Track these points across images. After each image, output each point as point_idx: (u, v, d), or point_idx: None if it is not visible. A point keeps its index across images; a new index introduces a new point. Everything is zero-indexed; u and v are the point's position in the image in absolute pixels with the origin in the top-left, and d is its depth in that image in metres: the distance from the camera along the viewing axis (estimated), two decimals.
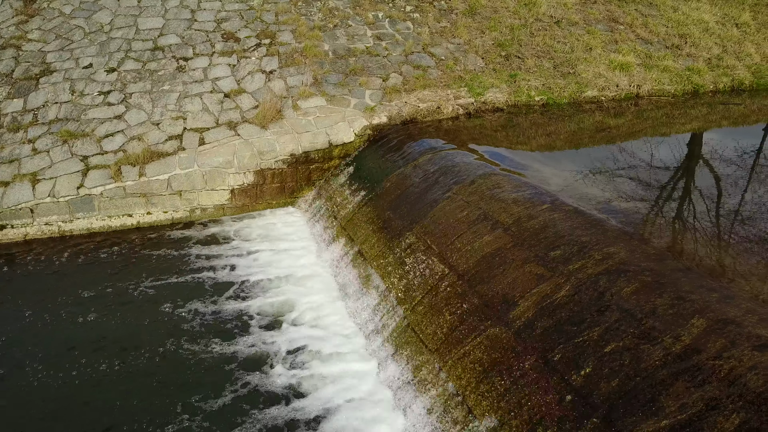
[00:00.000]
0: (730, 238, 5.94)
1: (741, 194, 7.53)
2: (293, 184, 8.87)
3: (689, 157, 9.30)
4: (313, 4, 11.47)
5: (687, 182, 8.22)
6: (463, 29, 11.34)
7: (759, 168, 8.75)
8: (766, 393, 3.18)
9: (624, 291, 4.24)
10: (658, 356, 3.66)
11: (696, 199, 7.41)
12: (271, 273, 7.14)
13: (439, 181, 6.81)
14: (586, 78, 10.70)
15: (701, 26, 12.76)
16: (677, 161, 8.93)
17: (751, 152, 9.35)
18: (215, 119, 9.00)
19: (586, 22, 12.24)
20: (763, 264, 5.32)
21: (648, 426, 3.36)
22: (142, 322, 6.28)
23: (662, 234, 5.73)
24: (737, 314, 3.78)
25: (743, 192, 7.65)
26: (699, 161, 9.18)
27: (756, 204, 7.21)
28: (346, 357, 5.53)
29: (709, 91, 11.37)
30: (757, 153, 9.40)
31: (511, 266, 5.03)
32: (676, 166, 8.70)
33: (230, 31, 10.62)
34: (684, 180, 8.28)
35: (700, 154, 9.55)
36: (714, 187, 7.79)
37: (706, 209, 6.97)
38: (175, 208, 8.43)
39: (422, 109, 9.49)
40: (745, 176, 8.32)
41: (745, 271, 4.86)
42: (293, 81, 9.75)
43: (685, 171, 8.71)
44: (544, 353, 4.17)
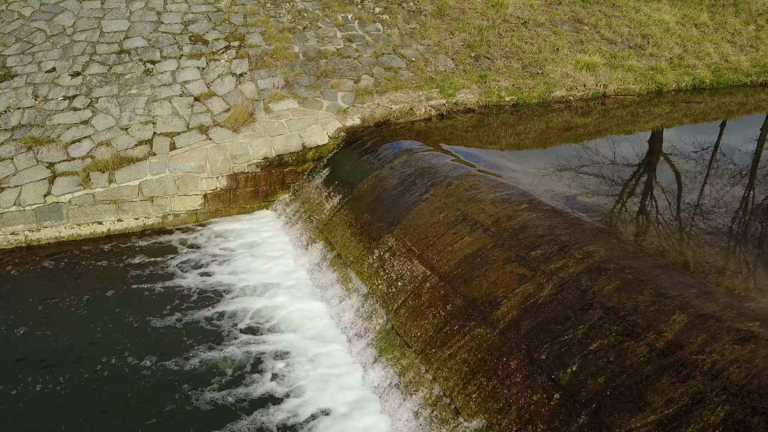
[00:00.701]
0: (704, 235, 6.13)
1: (703, 190, 7.76)
2: (267, 188, 8.79)
3: (650, 154, 9.57)
4: (281, 5, 11.38)
5: (652, 179, 8.44)
6: (433, 30, 11.41)
7: (716, 163, 9.06)
8: (748, 386, 3.29)
9: (606, 289, 4.33)
10: (643, 352, 3.75)
11: (662, 195, 7.61)
12: (248, 279, 7.06)
13: (416, 183, 6.84)
14: (554, 78, 10.87)
15: (662, 26, 13.10)
16: (639, 158, 9.17)
17: (714, 148, 9.66)
18: (186, 123, 8.86)
19: (552, 23, 12.44)
20: (733, 258, 5.51)
21: (636, 422, 3.44)
22: (110, 335, 6.12)
23: (639, 231, 5.87)
24: (716, 309, 3.89)
25: (701, 187, 7.90)
26: (659, 158, 9.44)
27: (719, 199, 7.45)
28: (329, 362, 5.51)
29: (672, 90, 11.68)
30: (714, 149, 9.73)
31: (493, 267, 5.08)
32: (640, 163, 8.94)
33: (198, 33, 10.47)
34: (651, 176, 8.50)
35: (660, 150, 9.83)
36: (677, 183, 8.02)
37: (672, 205, 7.17)
38: (146, 215, 8.26)
39: (395, 110, 9.52)
40: (706, 172, 8.60)
41: (721, 266, 5.01)
42: (264, 83, 9.66)
43: (647, 167, 8.96)
44: (530, 352, 4.22)
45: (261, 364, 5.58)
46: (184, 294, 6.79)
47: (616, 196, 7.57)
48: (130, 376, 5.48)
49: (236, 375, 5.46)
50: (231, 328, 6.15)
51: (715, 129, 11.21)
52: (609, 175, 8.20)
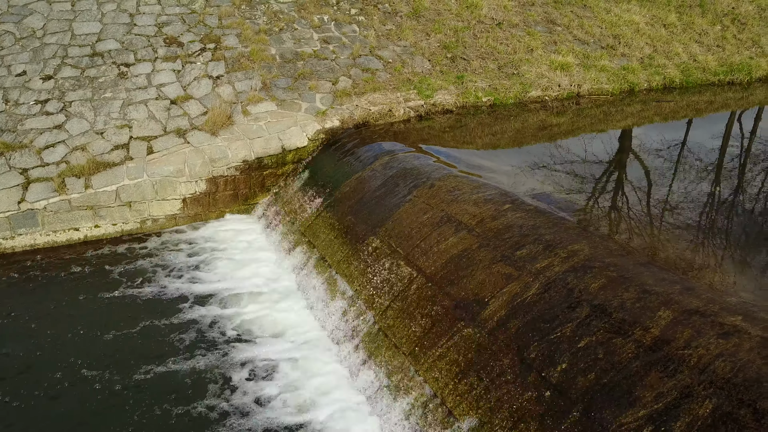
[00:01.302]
0: (676, 230, 6.28)
1: (671, 186, 7.97)
2: (247, 191, 8.73)
3: (620, 152, 9.79)
4: (257, 7, 11.30)
5: (623, 176, 8.62)
6: (409, 32, 11.45)
7: (684, 159, 9.32)
8: (734, 379, 3.39)
9: (591, 287, 4.41)
10: (630, 349, 3.83)
11: (634, 191, 7.80)
12: (230, 284, 7.00)
13: (398, 184, 6.87)
14: (529, 78, 11.01)
15: (632, 27, 13.35)
16: (610, 156, 9.38)
17: (691, 144, 9.91)
18: (163, 127, 8.75)
19: (526, 24, 12.59)
20: (710, 253, 5.66)
21: (627, 417, 3.51)
22: (90, 345, 6.02)
23: (619, 229, 5.99)
24: (699, 304, 3.99)
25: (670, 183, 8.11)
26: (629, 155, 9.67)
27: (686, 195, 7.66)
28: (316, 365, 5.49)
29: (643, 89, 11.92)
30: (682, 145, 9.99)
31: (479, 267, 5.13)
32: (611, 161, 9.14)
33: (172, 35, 10.34)
34: (623, 174, 8.68)
35: (630, 148, 10.07)
36: (647, 180, 8.22)
37: (644, 201, 7.34)
38: (124, 220, 8.13)
39: (374, 112, 9.53)
40: (683, 170, 8.83)
41: (701, 263, 5.15)
42: (242, 86, 9.59)
43: (618, 165, 9.17)
44: (520, 351, 4.28)
45: (243, 370, 5.54)
46: (162, 301, 6.69)
47: (592, 193, 7.74)
48: (85, 390, 5.34)
49: (214, 381, 5.41)
50: (213, 335, 6.08)
51: (685, 126, 11.48)
52: (586, 173, 8.37)
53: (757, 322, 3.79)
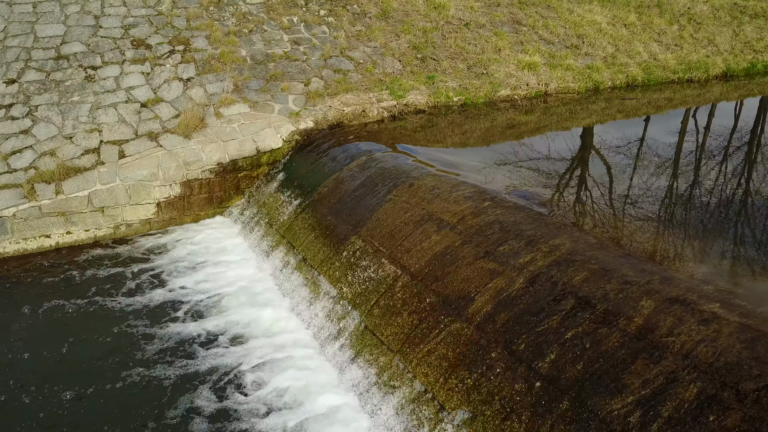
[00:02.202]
0: (647, 223, 6.51)
1: (632, 181, 8.25)
2: (221, 194, 8.67)
3: (583, 149, 10.07)
4: (225, 9, 11.21)
5: (585, 172, 8.87)
6: (379, 33, 11.52)
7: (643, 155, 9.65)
8: (716, 363, 3.54)
9: (575, 280, 4.54)
10: (616, 338, 3.97)
11: (599, 186, 8.04)
12: (211, 288, 6.94)
13: (378, 184, 6.92)
14: (498, 78, 11.20)
15: (595, 27, 13.70)
16: (575, 153, 9.64)
17: (650, 141, 10.24)
18: (134, 130, 8.61)
19: (493, 24, 12.80)
20: (671, 244, 5.88)
21: (616, 403, 3.64)
22: (69, 356, 5.91)
23: (597, 223, 6.17)
24: (679, 293, 4.16)
25: (630, 178, 8.40)
26: (591, 152, 9.96)
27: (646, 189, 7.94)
28: (303, 365, 5.50)
29: (607, 88, 12.25)
30: (640, 141, 10.33)
31: (463, 263, 5.23)
32: (578, 158, 9.41)
33: (140, 37, 10.17)
34: (585, 170, 8.93)
35: (593, 145, 10.36)
36: (608, 175, 8.48)
37: (616, 194, 7.56)
38: (97, 226, 7.98)
39: (347, 113, 9.57)
40: (642, 165, 9.13)
41: (680, 253, 5.34)
42: (213, 88, 9.51)
43: (582, 161, 9.44)
44: (508, 344, 4.38)
45: (230, 375, 5.51)
46: (139, 308, 6.59)
47: (564, 188, 7.94)
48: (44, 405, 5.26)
49: (202, 387, 5.38)
50: (194, 340, 6.02)
51: (651, 122, 11.83)
52: (555, 169, 8.59)
53: (734, 308, 3.97)
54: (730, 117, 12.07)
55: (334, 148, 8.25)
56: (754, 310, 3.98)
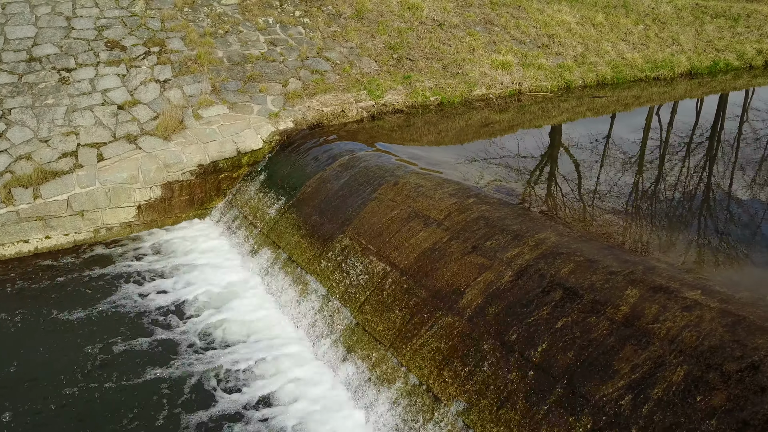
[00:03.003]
0: (640, 218, 6.73)
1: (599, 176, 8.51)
2: (203, 196, 8.64)
3: (552, 147, 10.34)
4: (199, 10, 11.15)
5: (554, 168, 9.11)
6: (354, 33, 11.60)
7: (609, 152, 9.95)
8: (701, 346, 3.72)
9: (562, 271, 4.69)
10: (605, 326, 4.13)
11: (568, 181, 8.27)
12: (196, 290, 6.90)
13: (362, 183, 7.00)
14: (473, 77, 11.38)
15: (564, 27, 14.00)
16: (541, 149, 9.90)
17: (615, 137, 10.54)
18: (112, 133, 8.53)
19: (466, 25, 12.99)
20: (664, 236, 6.11)
21: (607, 388, 3.79)
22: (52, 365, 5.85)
23: (575, 216, 6.35)
24: (662, 282, 4.34)
25: (597, 173, 8.65)
26: (559, 149, 10.24)
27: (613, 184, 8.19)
28: (295, 364, 5.56)
29: (578, 86, 12.54)
30: (606, 138, 10.64)
31: (452, 259, 5.34)
32: (550, 155, 9.67)
33: (114, 39, 10.06)
34: (554, 167, 9.17)
35: (560, 143, 10.64)
36: (576, 172, 8.73)
37: (592, 188, 7.80)
38: (77, 230, 7.89)
39: (327, 113, 9.62)
40: (608, 162, 9.42)
41: (661, 244, 5.55)
42: (191, 90, 9.46)
43: (549, 158, 9.70)
44: (500, 335, 4.51)
45: (219, 375, 5.53)
46: (128, 312, 6.54)
47: (536, 183, 8.15)
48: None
49: (190, 390, 5.39)
50: (183, 342, 6.00)
51: (619, 118, 12.17)
52: (526, 166, 8.80)
53: (714, 294, 4.16)
54: (696, 114, 12.49)
55: (316, 147, 8.30)
56: (733, 295, 4.19)
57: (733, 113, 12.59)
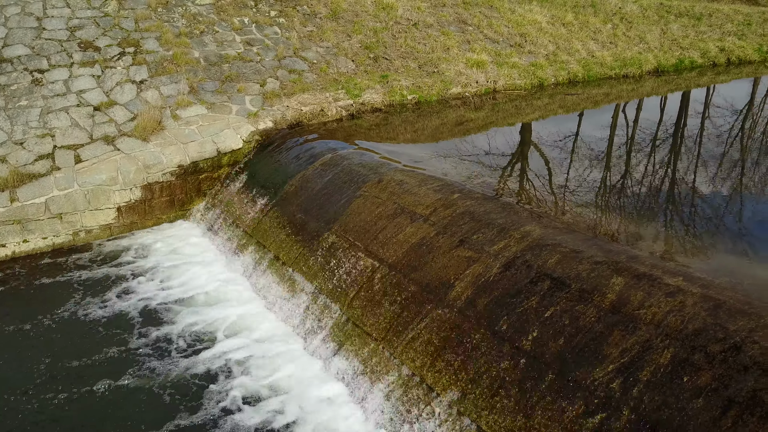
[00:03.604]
0: (619, 208, 6.93)
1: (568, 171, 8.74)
2: (183, 197, 8.59)
3: (522, 144, 10.57)
4: (173, 10, 11.06)
5: (525, 165, 9.32)
6: (330, 33, 11.64)
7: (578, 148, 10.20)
8: (685, 330, 3.89)
9: (549, 262, 4.83)
10: (593, 313, 4.27)
11: (539, 177, 8.47)
12: (182, 291, 6.88)
13: (346, 180, 7.06)
14: (449, 76, 11.52)
15: (536, 26, 14.26)
16: (512, 147, 10.10)
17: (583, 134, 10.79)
18: (89, 135, 8.42)
19: (440, 24, 13.14)
20: (644, 227, 6.31)
21: (598, 372, 3.93)
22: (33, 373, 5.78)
23: (564, 211, 6.52)
24: (645, 270, 4.51)
25: (567, 169, 8.88)
26: (532, 147, 10.47)
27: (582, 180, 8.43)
28: (286, 360, 5.59)
29: (551, 84, 12.80)
30: (576, 135, 10.90)
31: (440, 253, 5.44)
32: (525, 151, 9.87)
33: (87, 39, 9.92)
34: (525, 164, 9.37)
35: (530, 141, 10.88)
36: (547, 168, 8.94)
37: (549, 183, 7.99)
38: (55, 233, 7.77)
39: (306, 112, 9.65)
40: (576, 158, 9.66)
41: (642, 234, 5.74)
42: (168, 90, 9.39)
43: (520, 155, 9.93)
44: (491, 326, 4.62)
45: (217, 376, 5.54)
46: (112, 315, 6.48)
47: (509, 178, 8.32)
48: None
49: (185, 391, 5.39)
50: (170, 346, 5.95)
51: (590, 115, 12.45)
52: (500, 163, 8.97)
53: (695, 280, 4.34)
54: (668, 109, 12.85)
55: (297, 146, 8.33)
56: (712, 281, 4.37)
57: (695, 110, 13.00)
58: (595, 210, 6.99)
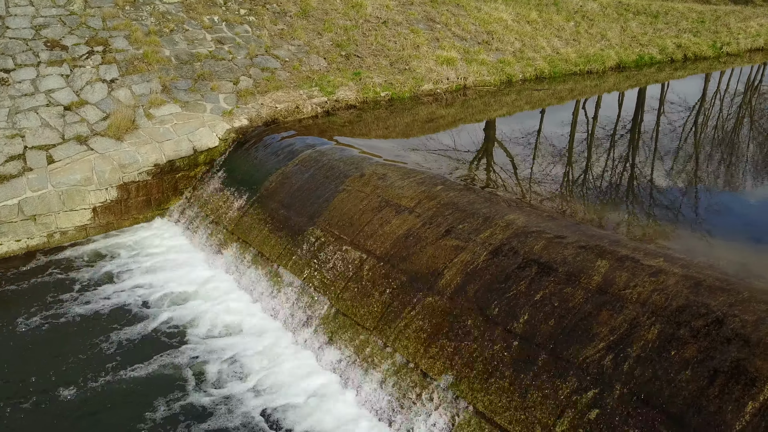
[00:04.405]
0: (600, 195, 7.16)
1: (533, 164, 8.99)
2: (160, 196, 8.50)
3: (487, 141, 10.80)
4: (141, 8, 10.91)
5: (491, 160, 9.54)
6: (301, 31, 11.65)
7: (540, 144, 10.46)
8: (669, 307, 4.08)
9: (535, 248, 4.99)
10: (581, 295, 4.43)
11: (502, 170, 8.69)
12: (162, 290, 6.82)
13: (327, 176, 7.11)
14: (420, 73, 11.66)
15: (502, 24, 14.53)
16: (477, 144, 10.32)
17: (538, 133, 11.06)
18: (60, 135, 8.26)
19: (409, 22, 13.27)
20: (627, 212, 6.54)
21: (589, 350, 4.09)
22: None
23: (544, 199, 6.70)
24: (628, 253, 4.70)
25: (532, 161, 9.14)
26: (494, 143, 10.72)
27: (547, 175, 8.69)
28: (276, 353, 5.62)
29: (519, 80, 13.06)
30: (539, 131, 11.18)
31: (427, 243, 5.55)
32: (478, 150, 10.10)
33: (54, 38, 9.72)
34: (490, 159, 9.59)
35: (494, 138, 11.13)
36: (511, 161, 9.19)
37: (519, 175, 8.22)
38: (29, 235, 7.61)
39: (281, 109, 9.65)
40: (540, 154, 9.92)
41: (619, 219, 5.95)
42: (140, 89, 9.27)
43: (484, 152, 10.16)
44: (482, 311, 4.75)
45: (205, 370, 5.53)
46: (90, 315, 6.38)
47: (476, 171, 8.50)
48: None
49: (173, 386, 5.37)
50: (156, 343, 5.92)
51: (558, 110, 12.76)
52: (464, 158, 9.17)
53: (675, 260, 4.55)
54: (630, 103, 13.26)
55: (275, 143, 8.33)
56: (692, 261, 4.59)
57: (651, 106, 13.46)
58: (570, 199, 7.22)
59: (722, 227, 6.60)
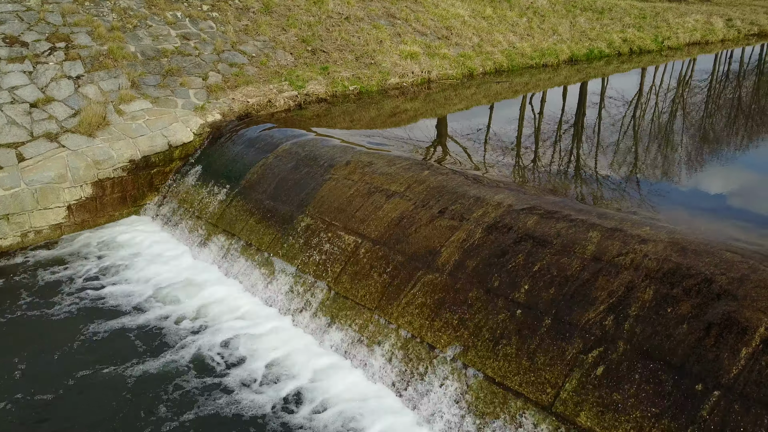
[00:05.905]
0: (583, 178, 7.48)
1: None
2: (135, 192, 8.38)
3: (439, 136, 11.13)
4: (102, 4, 10.69)
5: (448, 151, 9.85)
6: (266, 27, 11.65)
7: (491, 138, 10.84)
8: (662, 269, 4.38)
9: (528, 224, 5.23)
10: (577, 264, 4.70)
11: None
12: (146, 286, 6.75)
13: (311, 165, 7.20)
14: (386, 67, 11.85)
15: (459, 20, 14.88)
16: (431, 136, 10.61)
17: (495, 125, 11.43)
18: (29, 132, 8.04)
19: (370, 18, 13.44)
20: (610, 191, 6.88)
21: (590, 313, 4.35)
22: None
23: (531, 180, 6.98)
24: (616, 224, 5.00)
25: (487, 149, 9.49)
26: (446, 138, 11.05)
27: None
28: (278, 338, 5.68)
29: (480, 73, 13.43)
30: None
31: (422, 224, 5.73)
32: (433, 140, 10.39)
33: (12, 34, 9.41)
34: (447, 148, 9.90)
35: (446, 134, 11.46)
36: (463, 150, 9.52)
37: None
38: (2, 235, 7.38)
39: (253, 104, 9.65)
40: (494, 146, 10.29)
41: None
42: (108, 85, 9.10)
43: (437, 146, 10.48)
44: (483, 284, 4.96)
45: (205, 365, 5.55)
46: (79, 316, 6.26)
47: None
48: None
49: (168, 382, 5.37)
50: (149, 345, 5.88)
51: (514, 103, 13.18)
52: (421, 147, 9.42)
53: (660, 228, 4.88)
54: (573, 96, 13.83)
55: (252, 136, 8.35)
56: (675, 228, 4.92)
57: (607, 94, 14.10)
58: (550, 176, 7.54)
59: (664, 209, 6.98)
